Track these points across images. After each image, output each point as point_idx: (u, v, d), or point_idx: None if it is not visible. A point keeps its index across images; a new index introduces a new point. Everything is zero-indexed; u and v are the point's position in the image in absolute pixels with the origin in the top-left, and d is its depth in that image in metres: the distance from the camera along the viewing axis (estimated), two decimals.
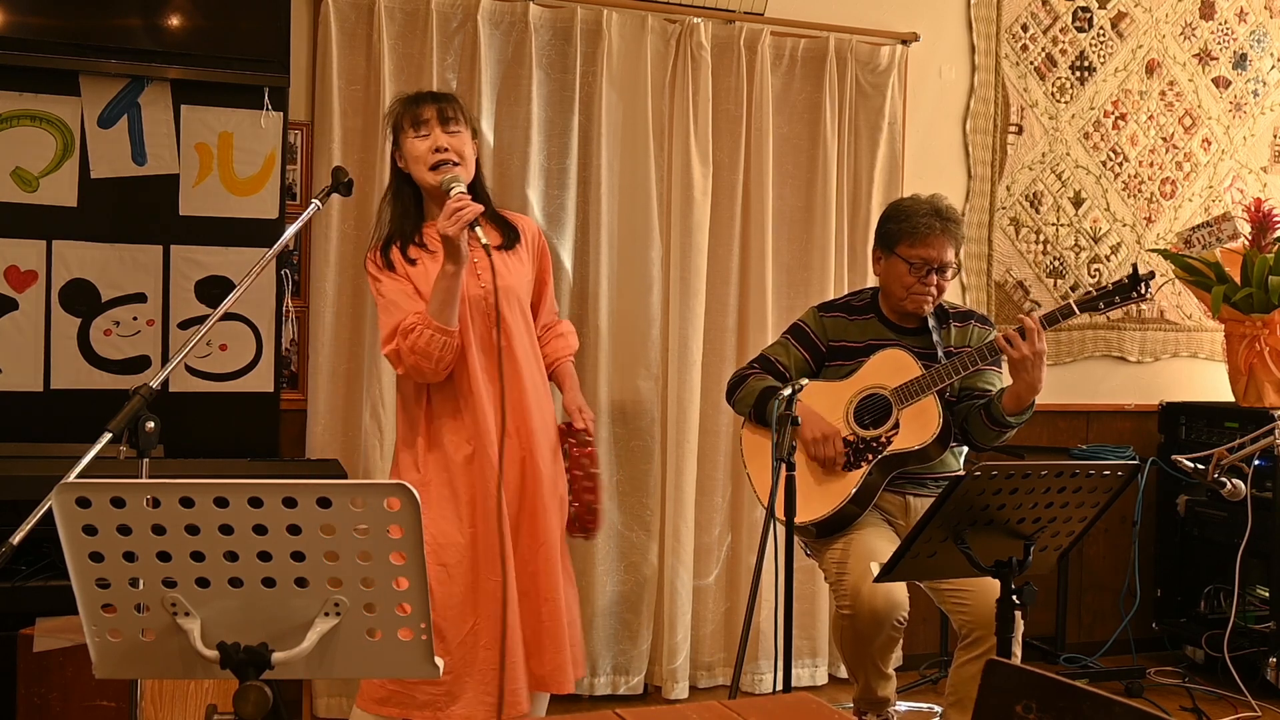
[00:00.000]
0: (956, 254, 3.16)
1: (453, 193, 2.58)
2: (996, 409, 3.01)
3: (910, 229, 3.11)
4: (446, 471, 2.68)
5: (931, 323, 3.17)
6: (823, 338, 3.26)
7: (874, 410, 3.11)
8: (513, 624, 2.63)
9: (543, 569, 2.72)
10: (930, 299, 3.13)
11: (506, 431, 2.65)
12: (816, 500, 3.07)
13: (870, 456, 3.07)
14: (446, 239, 2.54)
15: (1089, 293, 3.03)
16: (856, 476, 3.06)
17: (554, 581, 2.73)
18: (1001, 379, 3.16)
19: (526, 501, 2.72)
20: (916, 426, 3.05)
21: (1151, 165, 4.75)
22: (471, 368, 2.67)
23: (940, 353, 3.12)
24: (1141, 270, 2.96)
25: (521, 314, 2.76)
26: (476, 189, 2.76)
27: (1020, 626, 2.83)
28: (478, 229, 2.56)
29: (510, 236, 2.82)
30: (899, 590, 2.88)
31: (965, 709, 2.91)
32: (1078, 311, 3.01)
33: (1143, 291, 2.96)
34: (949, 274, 3.14)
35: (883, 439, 3.08)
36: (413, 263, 2.70)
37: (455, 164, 2.68)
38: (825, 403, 3.14)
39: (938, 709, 3.82)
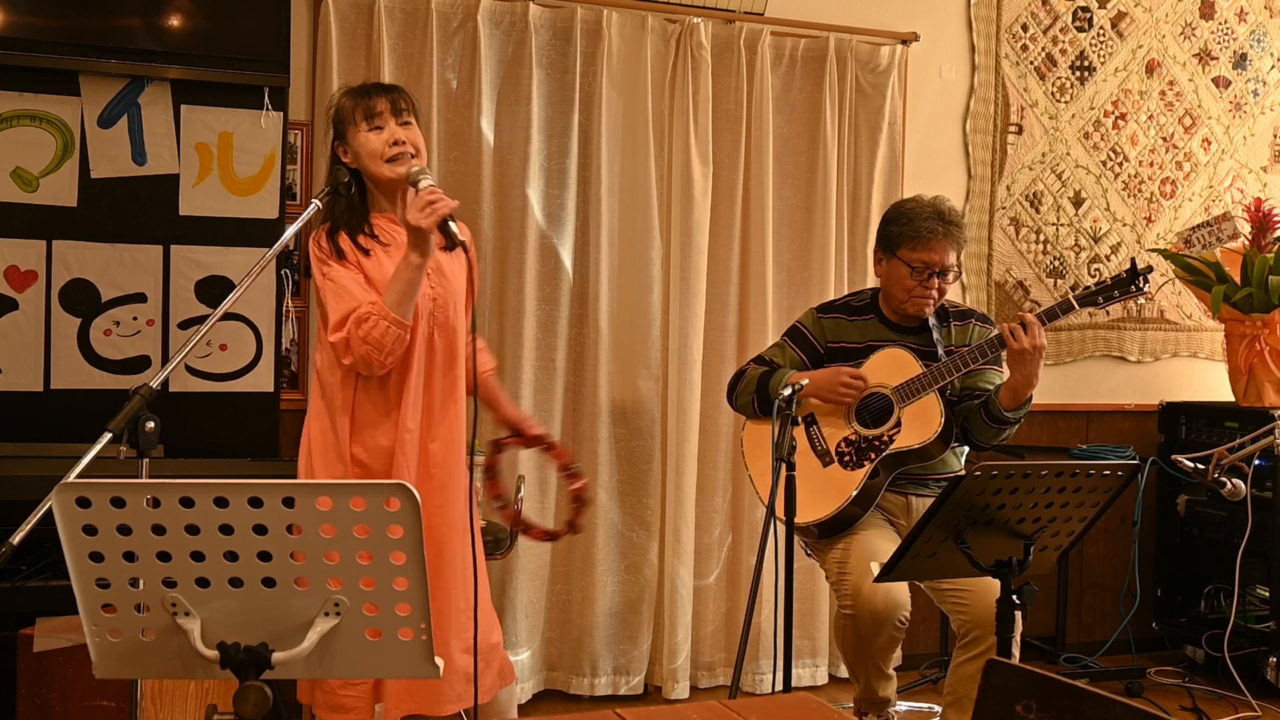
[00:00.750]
0: (958, 257, 3.16)
1: (422, 184, 2.48)
2: (995, 406, 3.01)
3: (912, 232, 3.10)
4: (380, 461, 2.57)
5: (932, 321, 3.17)
6: (821, 339, 3.25)
7: (875, 409, 3.11)
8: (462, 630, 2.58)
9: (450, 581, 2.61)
10: (931, 301, 3.13)
11: (433, 436, 2.57)
12: (818, 501, 3.06)
13: (873, 455, 3.07)
14: (417, 230, 2.43)
15: (1088, 288, 3.03)
16: (859, 476, 3.06)
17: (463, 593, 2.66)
18: (1001, 378, 3.16)
19: (442, 514, 2.61)
20: (918, 424, 3.05)
21: (1151, 165, 4.75)
22: (410, 366, 2.57)
23: (940, 351, 3.12)
24: (1140, 265, 2.96)
25: (461, 318, 2.67)
26: None
27: (1019, 626, 2.83)
28: (452, 224, 2.46)
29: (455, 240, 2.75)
30: (901, 590, 2.88)
31: (964, 709, 2.91)
32: (1077, 307, 3.01)
33: (1141, 286, 2.96)
34: (950, 277, 3.14)
35: (885, 437, 3.08)
36: (366, 252, 2.58)
37: (413, 156, 2.57)
38: (826, 402, 3.14)
39: (938, 709, 3.82)
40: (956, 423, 3.14)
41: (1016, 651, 2.88)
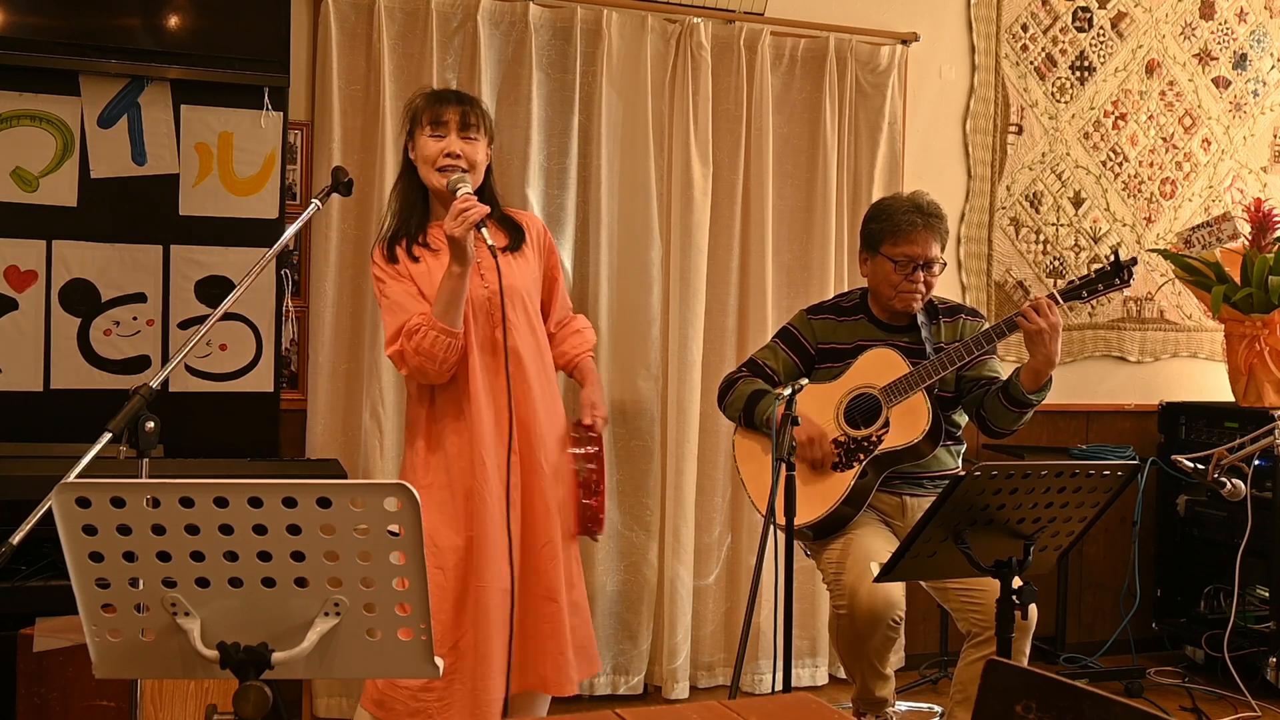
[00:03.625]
0: (942, 249, 3.15)
1: (459, 194, 2.57)
2: (1016, 389, 3.00)
3: (892, 227, 3.10)
4: (447, 474, 2.67)
5: (921, 319, 3.17)
6: (811, 341, 3.26)
7: (864, 410, 3.11)
8: (501, 626, 2.62)
9: (544, 569, 2.71)
10: (919, 296, 3.13)
11: (512, 433, 2.65)
12: (811, 502, 3.06)
13: (861, 456, 3.07)
14: (452, 240, 2.53)
15: (1072, 282, 3.03)
16: (849, 477, 3.06)
17: (555, 582, 2.72)
18: (1001, 364, 3.17)
19: (530, 502, 2.72)
20: (906, 424, 3.05)
21: (1151, 165, 4.75)
22: (473, 370, 2.65)
23: (929, 349, 3.12)
24: (1124, 257, 2.96)
25: (526, 314, 2.75)
26: (484, 191, 2.76)
27: (1032, 625, 2.83)
28: (484, 230, 2.54)
29: (516, 237, 2.81)
30: (894, 590, 2.87)
31: (972, 707, 2.91)
32: (1061, 301, 3.01)
33: (1126, 278, 2.95)
34: (936, 269, 3.14)
35: (873, 438, 3.07)
36: (416, 260, 2.69)
37: (464, 170, 2.66)
38: (815, 405, 3.14)
39: (938, 709, 3.82)
40: (971, 412, 3.14)
41: (1026, 649, 2.89)
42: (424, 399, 2.71)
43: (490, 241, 2.55)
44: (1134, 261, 2.95)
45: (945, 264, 3.22)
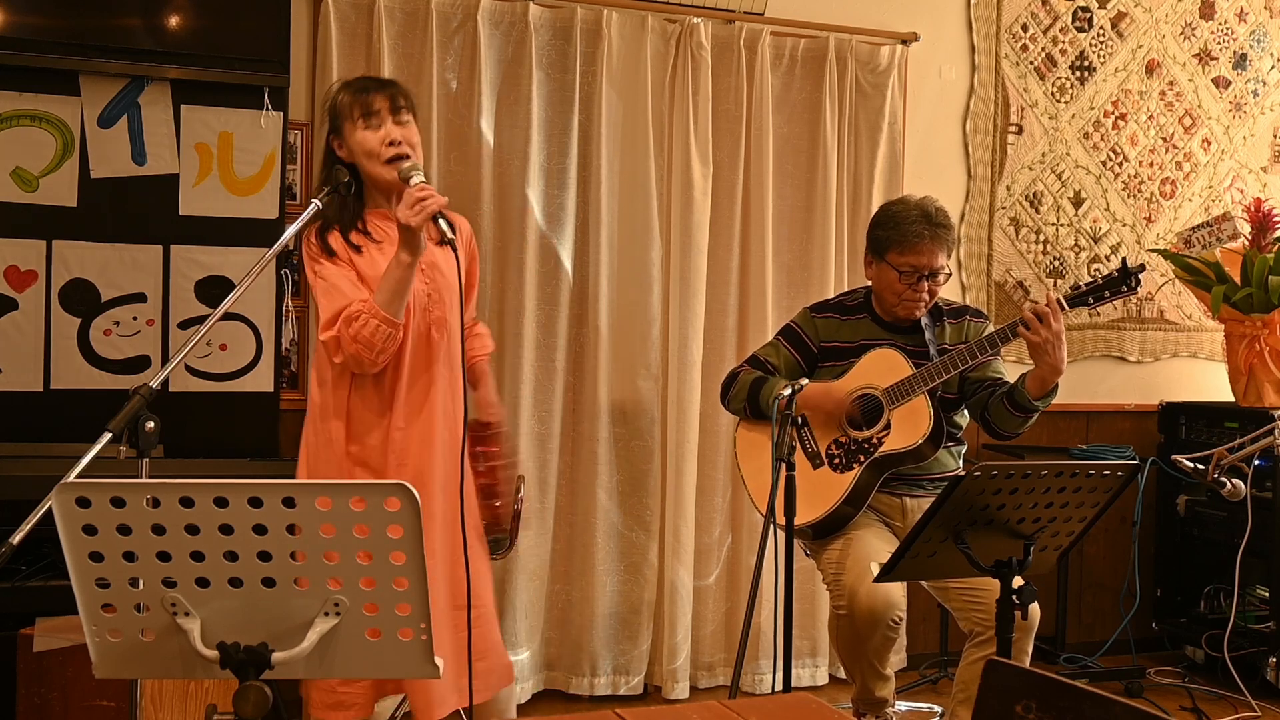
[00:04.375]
0: (949, 258, 3.13)
1: (413, 182, 2.48)
2: (1022, 395, 2.99)
3: (899, 236, 3.07)
4: (366, 468, 2.57)
5: (925, 320, 3.16)
6: (814, 339, 3.25)
7: (866, 411, 3.11)
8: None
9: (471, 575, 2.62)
10: (922, 304, 3.11)
11: (465, 429, 2.60)
12: (811, 503, 3.06)
13: (862, 458, 3.07)
14: (407, 229, 2.42)
15: (1078, 287, 3.00)
16: (849, 478, 3.06)
17: (485, 587, 2.65)
18: (1003, 364, 3.17)
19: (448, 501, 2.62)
20: (908, 426, 3.04)
21: (1151, 165, 4.75)
22: (402, 364, 2.57)
23: (933, 351, 3.11)
24: (1131, 264, 2.94)
25: (457, 312, 2.67)
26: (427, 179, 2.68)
27: (1034, 625, 2.83)
28: (442, 221, 2.45)
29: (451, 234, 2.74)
30: (894, 590, 2.87)
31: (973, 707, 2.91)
32: (1067, 308, 2.99)
33: (1133, 285, 2.93)
34: (941, 278, 3.12)
35: (874, 439, 3.07)
36: (358, 249, 2.57)
37: (408, 157, 2.56)
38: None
39: (938, 709, 3.82)
40: (975, 414, 3.13)
41: (1029, 648, 2.89)
42: (342, 383, 2.57)
43: (450, 235, 2.47)
44: (1142, 269, 2.92)
45: (951, 273, 3.21)
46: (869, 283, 3.26)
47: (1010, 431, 3.10)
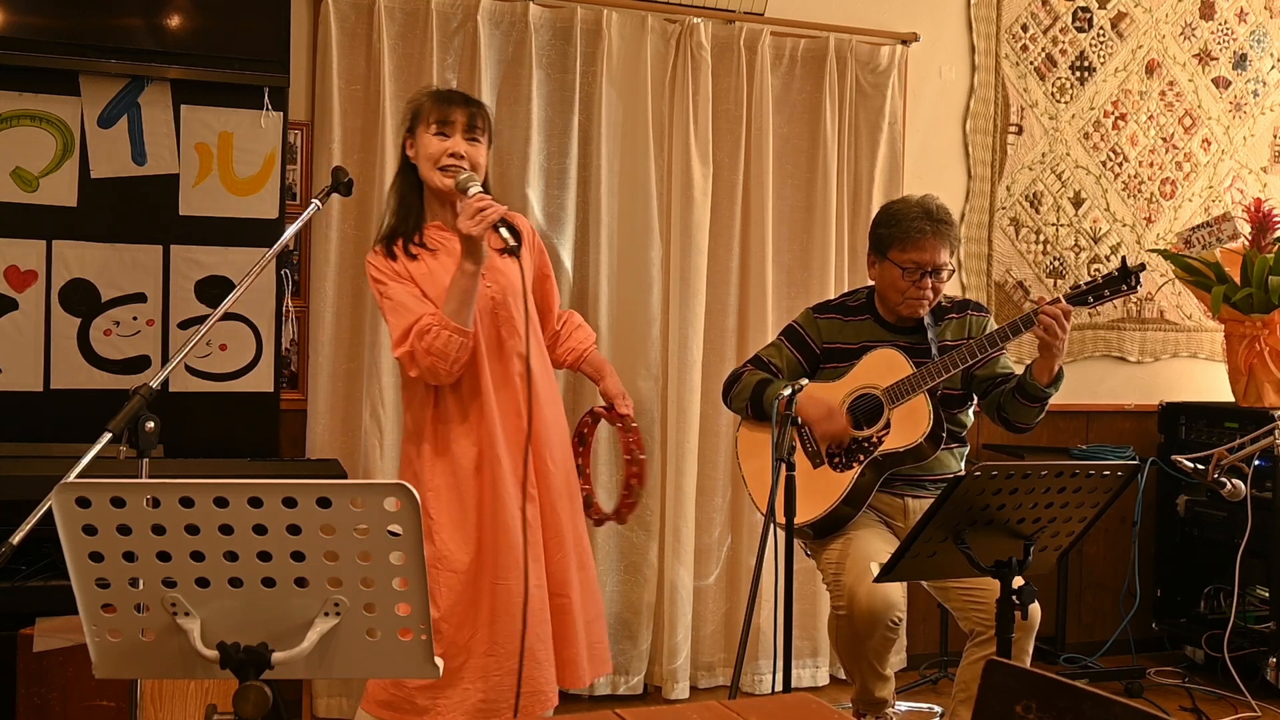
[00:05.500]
0: (951, 255, 3.14)
1: (471, 192, 2.57)
2: (1032, 386, 2.99)
3: (901, 233, 3.08)
4: (454, 477, 2.66)
5: (927, 320, 3.16)
6: (817, 339, 3.25)
7: (866, 410, 3.11)
8: (534, 624, 2.62)
9: (555, 567, 2.71)
10: (926, 302, 3.11)
11: (530, 433, 2.65)
12: (810, 502, 3.06)
13: (862, 457, 3.07)
14: (468, 238, 2.51)
15: (1078, 287, 3.00)
16: (848, 477, 3.06)
17: (567, 579, 2.72)
18: (1010, 359, 3.18)
19: (542, 501, 2.72)
20: (907, 426, 3.05)
21: (1151, 165, 4.75)
22: (481, 370, 2.65)
23: (934, 350, 3.12)
24: (1131, 264, 2.94)
25: (530, 315, 2.75)
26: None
27: (1035, 625, 2.83)
28: (502, 230, 2.54)
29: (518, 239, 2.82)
30: (894, 590, 2.87)
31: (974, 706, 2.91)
32: (1069, 307, 2.99)
33: (1134, 284, 2.93)
34: (944, 275, 3.12)
35: (874, 439, 3.07)
36: (414, 259, 2.67)
37: (464, 170, 2.65)
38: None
39: (938, 709, 3.82)
40: (991, 414, 3.14)
41: (1030, 648, 2.89)
42: (428, 401, 2.70)
43: (513, 242, 2.55)
44: (1142, 268, 2.92)
45: (954, 270, 3.21)
46: (871, 283, 3.27)
47: (1028, 423, 3.11)
